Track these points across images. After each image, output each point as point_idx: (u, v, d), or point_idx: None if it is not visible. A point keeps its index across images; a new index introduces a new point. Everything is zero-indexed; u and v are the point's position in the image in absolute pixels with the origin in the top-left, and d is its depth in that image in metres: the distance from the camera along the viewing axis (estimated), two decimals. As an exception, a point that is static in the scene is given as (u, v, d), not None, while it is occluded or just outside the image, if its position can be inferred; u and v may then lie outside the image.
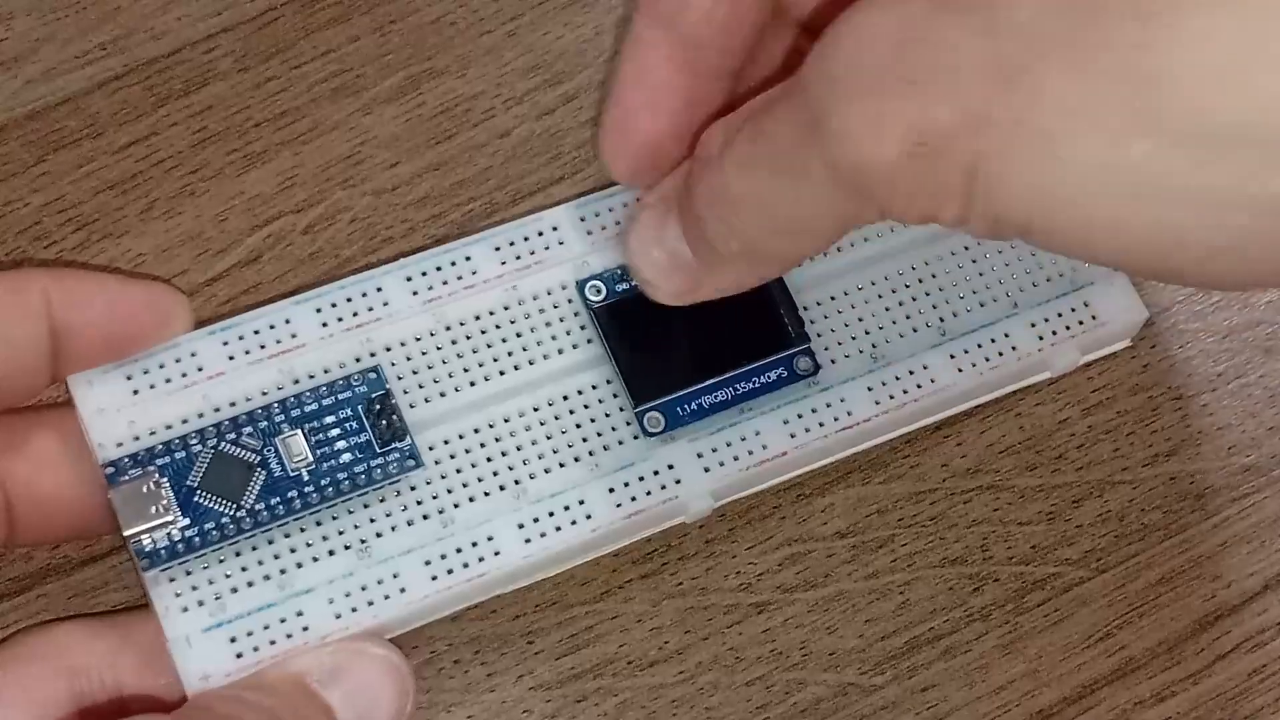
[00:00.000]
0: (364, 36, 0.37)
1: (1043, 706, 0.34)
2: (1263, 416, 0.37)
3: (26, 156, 0.36)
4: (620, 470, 0.33)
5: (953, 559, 0.35)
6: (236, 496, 0.31)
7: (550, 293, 0.34)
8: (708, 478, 0.33)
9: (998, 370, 0.34)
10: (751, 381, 0.33)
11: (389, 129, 0.37)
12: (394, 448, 0.32)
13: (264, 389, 0.32)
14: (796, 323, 0.34)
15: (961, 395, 0.34)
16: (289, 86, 0.37)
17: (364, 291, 0.33)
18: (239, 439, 0.31)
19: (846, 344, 0.34)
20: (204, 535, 0.31)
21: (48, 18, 0.37)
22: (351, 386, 0.32)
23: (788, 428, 0.33)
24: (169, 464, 0.31)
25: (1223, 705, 0.34)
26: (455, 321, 0.33)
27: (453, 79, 0.37)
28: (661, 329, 0.33)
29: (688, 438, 0.33)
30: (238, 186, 0.36)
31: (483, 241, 0.34)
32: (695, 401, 0.33)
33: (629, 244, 0.32)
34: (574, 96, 0.38)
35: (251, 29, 0.37)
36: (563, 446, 0.33)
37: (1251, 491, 0.36)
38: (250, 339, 0.33)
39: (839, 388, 0.34)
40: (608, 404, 0.33)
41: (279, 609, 0.31)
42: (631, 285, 0.34)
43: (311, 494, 0.31)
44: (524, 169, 0.37)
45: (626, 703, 0.33)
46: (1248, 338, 0.37)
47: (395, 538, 0.32)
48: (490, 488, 0.32)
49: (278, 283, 0.35)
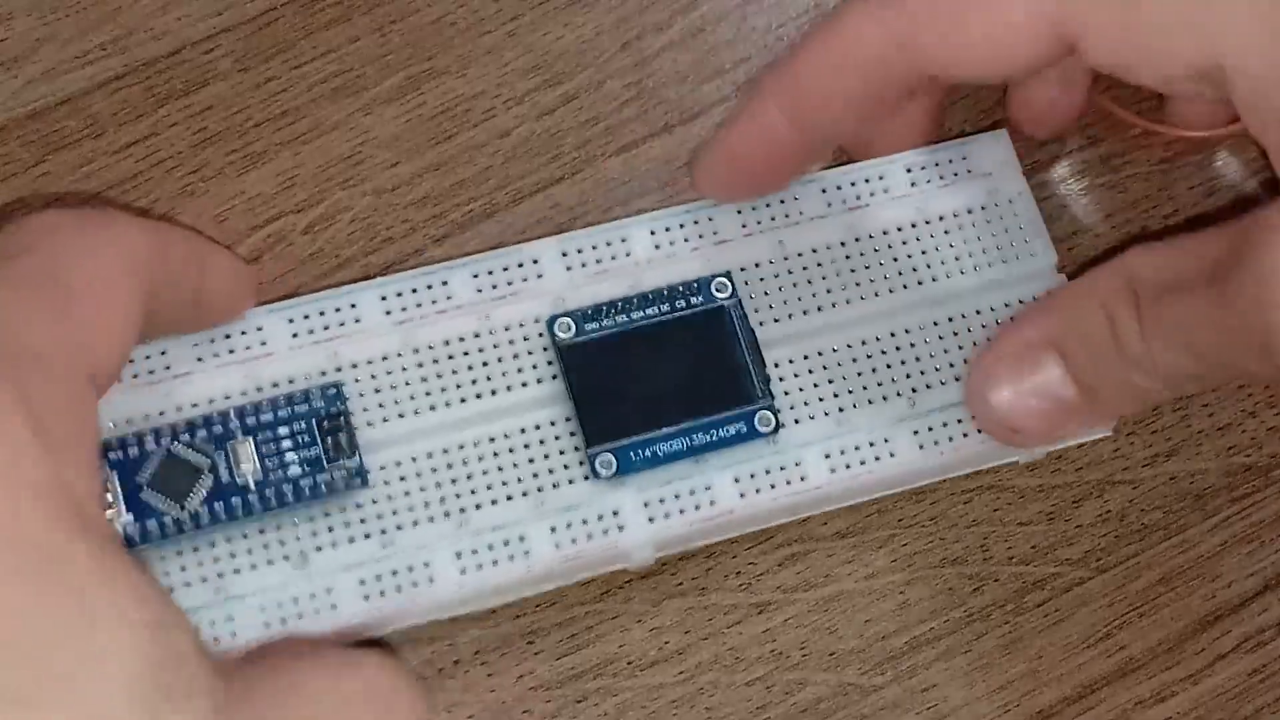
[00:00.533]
0: (364, 36, 0.38)
1: (1043, 706, 0.34)
2: (1263, 416, 0.36)
3: (26, 156, 0.37)
4: (565, 511, 0.33)
5: (953, 559, 0.35)
6: (182, 498, 0.32)
7: (522, 324, 0.34)
8: (651, 528, 0.33)
9: (960, 453, 0.34)
10: (709, 434, 0.33)
11: (389, 129, 0.37)
12: (342, 464, 0.32)
13: (227, 393, 0.33)
14: (763, 379, 0.34)
15: (919, 474, 0.34)
16: (289, 86, 0.37)
17: (338, 306, 0.34)
18: (192, 441, 0.32)
19: (812, 405, 0.34)
20: (145, 533, 0.32)
21: (48, 18, 0.38)
22: (310, 400, 0.33)
23: (738, 486, 0.33)
24: (121, 459, 0.32)
25: (1223, 705, 0.34)
26: (424, 344, 0.34)
27: (453, 79, 0.37)
28: (626, 374, 0.34)
29: (637, 485, 0.33)
30: (238, 186, 0.37)
31: (462, 268, 0.34)
32: (649, 448, 0.33)
33: (988, 398, 0.33)
34: (574, 96, 0.38)
35: (251, 29, 0.38)
36: (511, 480, 0.33)
37: (1251, 491, 0.36)
38: (220, 342, 0.33)
39: (797, 450, 0.34)
40: (562, 442, 0.33)
41: (210, 611, 0.32)
42: (602, 325, 0.34)
43: (255, 502, 0.32)
44: (524, 169, 0.37)
45: (626, 703, 0.34)
46: None
47: (334, 553, 0.32)
48: (435, 513, 0.33)
49: (278, 283, 0.36)
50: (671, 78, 0.38)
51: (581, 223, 0.37)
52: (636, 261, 0.35)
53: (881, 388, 0.34)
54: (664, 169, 0.37)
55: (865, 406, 0.34)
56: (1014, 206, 0.36)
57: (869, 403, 0.34)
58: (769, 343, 0.34)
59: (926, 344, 0.35)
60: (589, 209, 0.37)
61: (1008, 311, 0.35)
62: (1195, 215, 0.37)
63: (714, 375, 0.34)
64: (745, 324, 0.34)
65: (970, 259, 0.35)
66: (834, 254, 0.35)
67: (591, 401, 0.33)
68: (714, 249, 0.35)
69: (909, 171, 0.36)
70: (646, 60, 0.38)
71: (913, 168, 0.36)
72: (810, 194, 0.35)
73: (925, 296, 0.35)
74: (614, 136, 0.37)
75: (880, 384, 0.34)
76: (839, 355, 0.34)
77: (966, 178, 0.36)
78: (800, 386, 0.34)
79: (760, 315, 0.34)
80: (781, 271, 0.35)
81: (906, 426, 0.34)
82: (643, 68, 0.38)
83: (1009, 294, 0.35)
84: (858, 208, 0.35)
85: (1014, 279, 0.35)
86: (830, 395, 0.34)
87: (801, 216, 0.35)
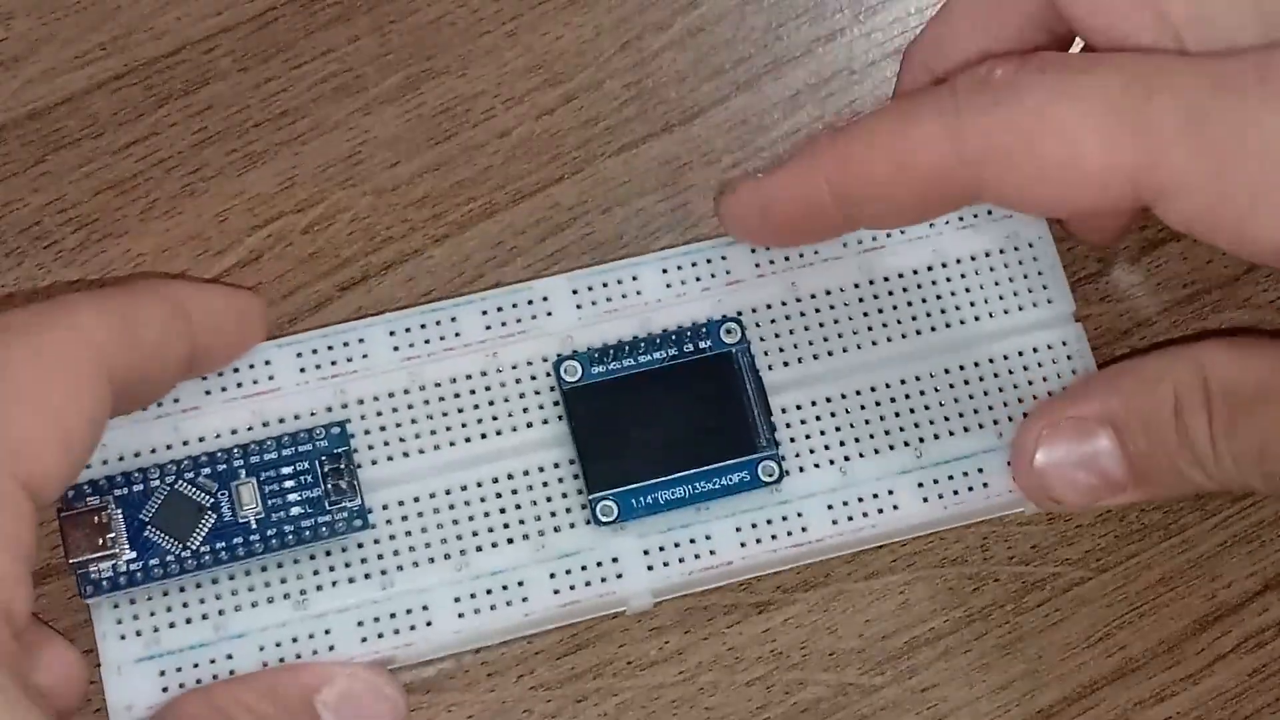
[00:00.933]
0: (364, 36, 0.37)
1: (1043, 706, 0.35)
2: None
3: (26, 156, 0.36)
4: (564, 557, 0.33)
5: (953, 559, 0.35)
6: (184, 536, 0.32)
7: (530, 363, 0.34)
8: (650, 576, 0.33)
9: (965, 506, 0.34)
10: (712, 481, 0.33)
11: (389, 129, 0.37)
12: (344, 506, 0.33)
13: (234, 428, 0.33)
14: (768, 427, 0.34)
15: (923, 525, 0.34)
16: (289, 86, 0.37)
17: (346, 341, 0.34)
18: (196, 479, 0.33)
19: (818, 454, 0.34)
20: (147, 570, 0.32)
21: (48, 18, 0.37)
22: (314, 439, 0.33)
23: (739, 535, 0.33)
24: (126, 495, 0.32)
25: (1223, 705, 0.35)
26: (430, 382, 0.34)
27: (453, 79, 0.37)
28: (630, 418, 0.33)
29: (638, 531, 0.33)
30: (238, 186, 0.36)
31: (471, 305, 0.34)
32: (651, 495, 0.33)
33: (1034, 462, 0.33)
34: (574, 96, 0.37)
35: (251, 29, 0.37)
36: (513, 523, 0.33)
37: (1251, 491, 0.35)
38: (229, 376, 0.33)
39: (800, 501, 0.34)
40: (565, 485, 0.33)
41: (210, 649, 0.32)
42: (609, 369, 0.34)
43: (256, 542, 0.32)
44: (524, 169, 0.37)
45: (626, 703, 0.34)
46: None
47: (333, 594, 0.33)
48: (435, 554, 0.33)
49: (278, 283, 0.36)
50: (671, 78, 0.38)
51: (581, 223, 0.36)
52: (647, 301, 0.34)
53: (889, 436, 0.34)
54: (664, 169, 0.37)
55: (871, 456, 0.34)
56: (1033, 250, 0.35)
57: (875, 452, 0.34)
58: (776, 387, 0.34)
59: (937, 392, 0.34)
60: (589, 209, 0.37)
61: (1020, 360, 0.35)
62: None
63: (719, 422, 0.34)
64: (753, 370, 0.34)
65: (986, 304, 0.35)
66: (847, 296, 0.35)
67: (594, 446, 0.33)
68: (725, 289, 0.35)
69: (928, 212, 0.35)
70: (646, 60, 0.38)
71: (932, 208, 0.35)
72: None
73: (938, 342, 0.35)
74: (614, 136, 0.37)
75: (888, 432, 0.34)
76: (847, 402, 0.34)
77: (986, 219, 0.35)
78: (806, 434, 0.34)
79: (769, 359, 0.34)
80: (793, 314, 0.35)
81: (912, 478, 0.34)
82: (643, 68, 0.38)
83: (1024, 341, 0.35)
84: (874, 249, 0.35)
85: (1029, 326, 0.35)
86: (836, 444, 0.34)
87: (816, 257, 0.35)
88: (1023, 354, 0.35)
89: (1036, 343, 0.35)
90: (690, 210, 0.37)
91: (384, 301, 0.36)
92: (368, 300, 0.36)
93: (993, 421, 0.34)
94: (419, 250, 0.36)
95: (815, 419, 0.34)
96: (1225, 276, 0.37)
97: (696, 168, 0.37)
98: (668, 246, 0.35)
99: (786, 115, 0.37)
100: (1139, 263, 0.37)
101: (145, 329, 0.30)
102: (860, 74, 0.38)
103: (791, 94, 0.38)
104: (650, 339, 0.34)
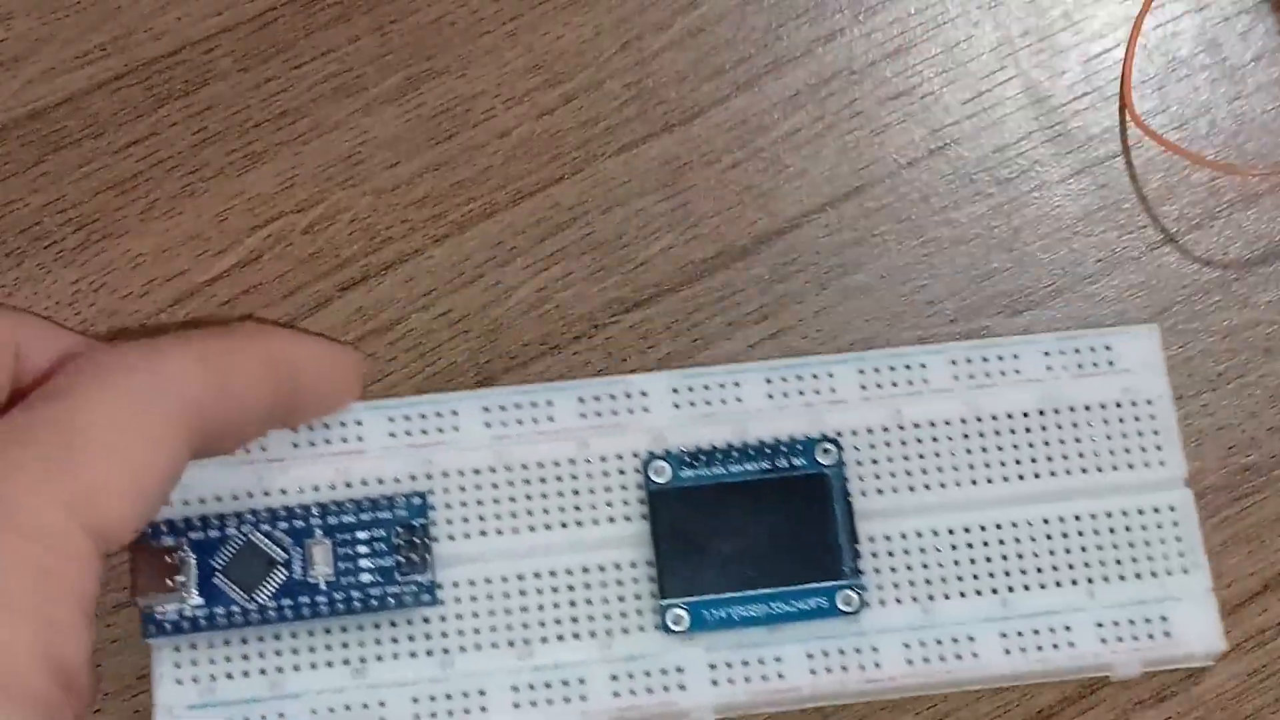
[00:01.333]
0: (364, 36, 0.37)
1: (1042, 707, 0.34)
2: (1263, 416, 0.36)
3: (26, 156, 0.36)
4: (629, 660, 0.33)
5: None
6: (252, 588, 0.32)
7: (620, 457, 0.33)
8: (714, 691, 0.32)
9: (1047, 664, 0.33)
10: (789, 604, 0.33)
11: (389, 129, 0.37)
12: (414, 579, 0.32)
13: (316, 484, 0.33)
14: (853, 555, 0.33)
15: (1001, 677, 0.33)
16: (289, 86, 0.37)
17: (439, 411, 0.33)
18: (272, 532, 0.32)
19: (901, 588, 0.33)
20: (212, 618, 0.32)
21: (48, 18, 0.37)
22: (394, 507, 0.33)
23: (810, 663, 0.33)
24: (201, 540, 0.32)
25: (1223, 705, 0.34)
26: (517, 463, 0.33)
27: (453, 79, 0.37)
28: (714, 528, 0.33)
29: (707, 644, 0.33)
30: (238, 186, 0.36)
31: (569, 391, 0.34)
32: (725, 609, 0.33)
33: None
34: (574, 96, 0.37)
35: (251, 29, 0.37)
36: (581, 618, 0.33)
37: (1251, 491, 0.35)
38: (318, 431, 0.33)
39: (876, 636, 0.33)
40: (639, 587, 0.33)
41: (264, 705, 0.32)
42: (699, 474, 0.33)
43: (323, 604, 0.32)
44: (524, 169, 0.36)
45: None
46: (1248, 338, 0.36)
47: (392, 666, 0.32)
48: (499, 640, 0.32)
49: (278, 283, 0.36)
50: (671, 78, 0.37)
51: (581, 223, 0.36)
52: (746, 409, 0.34)
53: (976, 580, 0.33)
54: (664, 169, 0.37)
55: (956, 599, 0.33)
56: (1151, 408, 0.34)
57: (960, 595, 0.33)
58: (865, 514, 0.33)
59: (1033, 541, 0.33)
60: (589, 209, 0.36)
61: (1124, 520, 0.33)
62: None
63: (803, 542, 0.33)
64: (845, 495, 0.33)
65: (1094, 458, 0.34)
66: (951, 430, 0.34)
67: (673, 552, 0.33)
68: (828, 407, 0.34)
69: (1046, 355, 0.34)
70: (646, 60, 0.37)
71: (1051, 351, 0.34)
72: (938, 364, 0.34)
73: (1037, 491, 0.34)
74: (614, 136, 0.37)
75: (976, 576, 0.33)
76: (937, 540, 0.33)
77: (1106, 370, 0.34)
78: (892, 567, 0.33)
79: (863, 484, 0.33)
80: (894, 441, 0.34)
81: (995, 627, 0.33)
82: (643, 68, 0.37)
83: (1127, 501, 0.34)
84: (985, 385, 0.34)
85: (1135, 486, 0.34)
86: (921, 581, 0.33)
87: (925, 386, 0.34)
88: (1126, 514, 0.34)
89: (1142, 504, 0.34)
90: (690, 210, 0.36)
91: (384, 301, 0.36)
92: (368, 300, 0.36)
93: (1086, 580, 0.33)
94: (419, 250, 0.36)
95: (903, 552, 0.33)
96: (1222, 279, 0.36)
97: (696, 168, 0.37)
98: (669, 248, 0.35)
99: (786, 115, 0.37)
100: (1139, 262, 0.36)
101: (238, 381, 0.30)
102: (860, 74, 0.37)
103: (791, 94, 0.37)
104: (744, 449, 0.33)
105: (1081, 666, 0.33)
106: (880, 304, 0.36)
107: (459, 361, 0.35)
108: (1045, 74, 0.38)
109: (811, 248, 0.36)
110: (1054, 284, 0.36)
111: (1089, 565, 0.33)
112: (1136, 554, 0.33)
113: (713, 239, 0.36)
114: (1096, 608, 0.33)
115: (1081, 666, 0.33)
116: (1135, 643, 0.33)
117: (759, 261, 0.36)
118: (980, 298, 0.36)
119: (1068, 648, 0.33)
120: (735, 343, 0.36)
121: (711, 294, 0.36)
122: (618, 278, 0.36)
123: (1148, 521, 0.34)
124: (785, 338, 0.36)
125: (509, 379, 0.35)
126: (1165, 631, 0.33)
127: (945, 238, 0.37)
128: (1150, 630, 0.33)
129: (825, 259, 0.36)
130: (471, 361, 0.35)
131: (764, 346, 0.36)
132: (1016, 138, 0.37)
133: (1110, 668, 0.33)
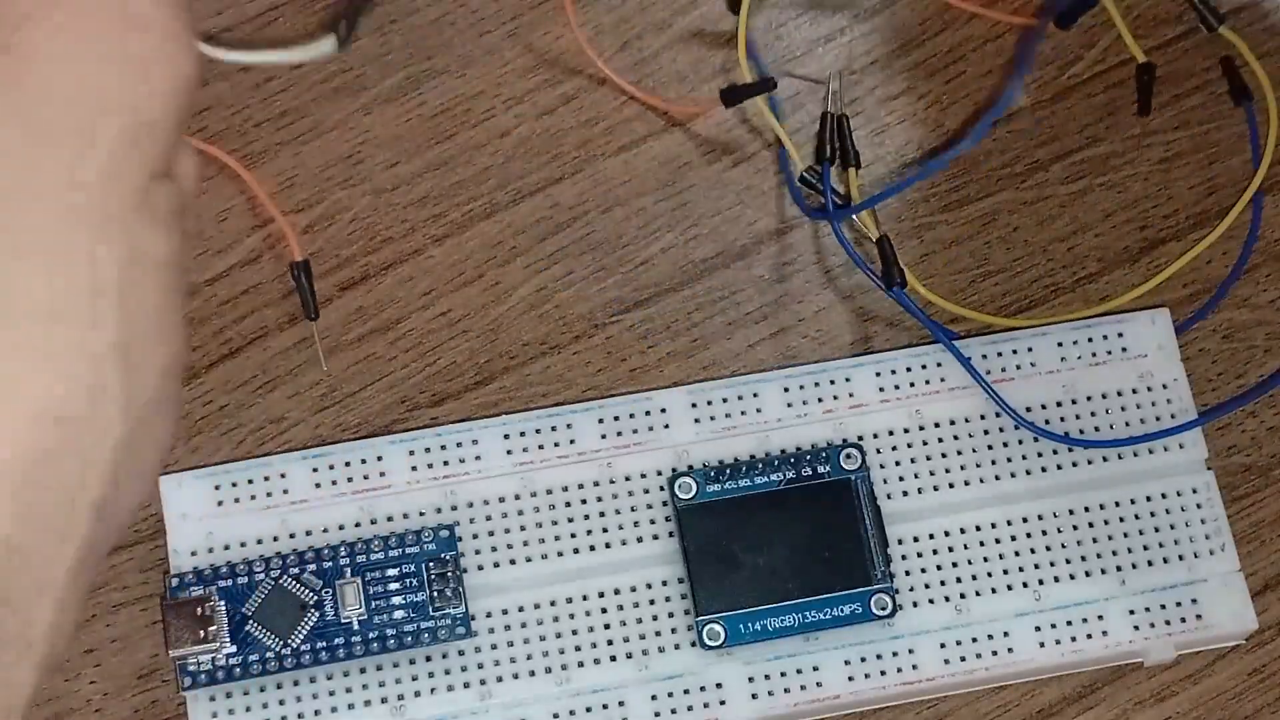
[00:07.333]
0: (364, 36, 0.37)
1: (1043, 706, 0.34)
2: (1263, 416, 0.36)
3: None
4: (668, 679, 0.32)
5: None
6: (285, 633, 0.32)
7: (644, 475, 0.33)
8: (754, 705, 0.33)
9: (1083, 655, 0.33)
10: (823, 612, 0.33)
11: (389, 129, 0.36)
12: (447, 613, 0.32)
13: (341, 523, 0.33)
14: (884, 559, 0.33)
15: (1036, 670, 0.33)
16: (289, 86, 0.37)
17: (459, 441, 0.33)
18: (301, 575, 0.32)
19: (934, 589, 0.33)
20: (246, 666, 0.32)
21: None
22: (422, 541, 0.32)
23: (848, 669, 0.33)
24: (231, 587, 0.32)
25: (1223, 705, 0.34)
26: (542, 489, 0.33)
27: (453, 79, 0.37)
28: (744, 541, 0.33)
29: (744, 658, 0.33)
30: (238, 186, 0.36)
31: (589, 412, 0.34)
32: (760, 621, 0.33)
33: None
34: (574, 96, 0.37)
35: (251, 29, 0.37)
36: (617, 640, 0.33)
37: (1251, 491, 0.35)
38: (340, 470, 0.33)
39: (912, 638, 0.33)
40: (673, 605, 0.33)
41: (301, 748, 0.32)
42: (724, 488, 0.33)
43: (357, 645, 0.32)
44: (524, 169, 0.36)
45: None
46: (1248, 338, 0.36)
47: (431, 701, 0.32)
48: (536, 667, 0.32)
49: (278, 283, 0.35)
50: (671, 78, 0.37)
51: (581, 223, 0.36)
52: (766, 419, 0.34)
53: (1007, 575, 0.33)
54: (664, 169, 0.36)
55: (988, 596, 0.33)
56: (1168, 392, 0.34)
57: (992, 591, 0.33)
58: (893, 517, 0.33)
59: (1060, 533, 0.33)
60: (589, 209, 0.36)
61: (1148, 505, 0.34)
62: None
63: (834, 550, 0.33)
64: (871, 499, 0.33)
65: (1115, 446, 0.34)
66: (972, 428, 0.34)
67: (705, 568, 0.33)
68: (848, 413, 0.34)
69: (1060, 345, 0.34)
70: (646, 60, 0.37)
71: (1064, 342, 0.34)
72: (953, 363, 0.34)
73: (1062, 482, 0.34)
74: (614, 136, 0.37)
75: (1006, 571, 0.33)
76: (966, 537, 0.33)
77: (1120, 357, 0.34)
78: (922, 568, 0.33)
79: (889, 487, 0.34)
80: (915, 442, 0.34)
81: (1029, 621, 0.33)
82: (643, 68, 0.37)
83: (1151, 487, 0.34)
84: (1002, 380, 0.34)
85: (1159, 471, 0.34)
86: (953, 580, 0.33)
87: (943, 385, 0.34)
88: (1150, 499, 0.34)
89: (1165, 488, 0.34)
90: (690, 210, 0.36)
91: (384, 302, 0.35)
92: (368, 300, 0.35)
93: (1115, 568, 0.33)
94: (419, 250, 0.36)
95: (933, 553, 0.33)
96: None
97: (696, 168, 0.36)
98: (669, 248, 0.35)
99: (786, 115, 0.37)
100: (1138, 262, 0.36)
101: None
102: (860, 74, 0.37)
103: (791, 94, 0.37)
104: (768, 459, 0.33)
105: (1116, 654, 0.33)
106: (881, 303, 0.36)
107: (459, 361, 0.35)
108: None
109: (811, 248, 0.36)
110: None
111: (1117, 553, 0.33)
112: (1164, 539, 0.34)
113: (713, 239, 0.36)
114: (1127, 595, 0.33)
115: (1116, 654, 0.33)
116: (1167, 627, 0.33)
117: (759, 262, 0.36)
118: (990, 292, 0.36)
119: (1101, 637, 0.33)
120: (735, 342, 0.35)
121: (711, 294, 0.36)
122: (618, 278, 0.36)
123: (1172, 505, 0.34)
124: (785, 338, 0.36)
125: (509, 378, 0.35)
126: (1197, 614, 0.33)
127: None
128: (1182, 614, 0.33)
129: (824, 259, 0.36)
130: (471, 361, 0.35)
131: (764, 346, 0.35)
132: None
133: (1145, 653, 0.33)
